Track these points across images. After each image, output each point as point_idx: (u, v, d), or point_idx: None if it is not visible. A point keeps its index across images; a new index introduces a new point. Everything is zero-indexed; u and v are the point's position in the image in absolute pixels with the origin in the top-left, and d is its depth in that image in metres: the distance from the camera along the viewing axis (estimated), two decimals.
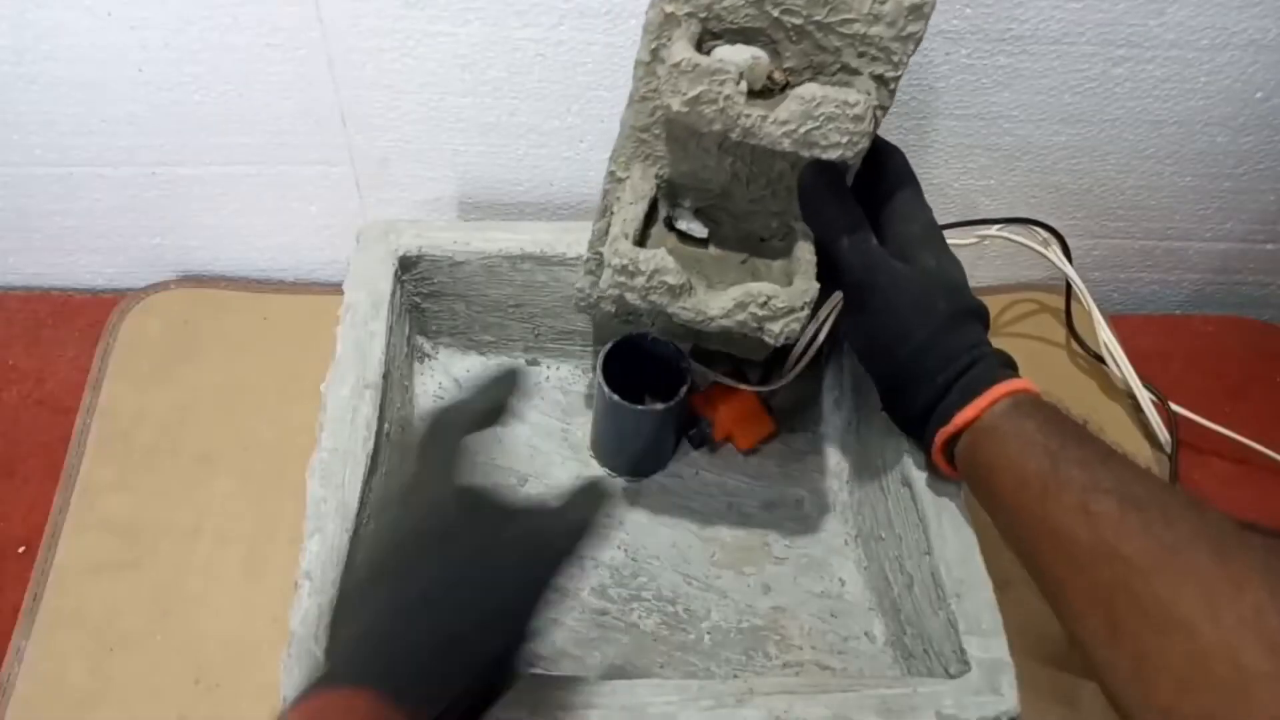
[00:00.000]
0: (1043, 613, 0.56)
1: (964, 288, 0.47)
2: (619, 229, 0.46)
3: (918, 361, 0.45)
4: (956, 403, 0.44)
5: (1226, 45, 0.60)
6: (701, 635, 0.52)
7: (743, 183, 0.49)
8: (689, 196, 0.50)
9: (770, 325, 0.46)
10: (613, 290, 0.46)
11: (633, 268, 0.45)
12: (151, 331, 0.67)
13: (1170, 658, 0.35)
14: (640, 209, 0.48)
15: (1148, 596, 0.36)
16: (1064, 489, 0.40)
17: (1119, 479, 0.39)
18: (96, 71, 0.59)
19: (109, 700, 0.51)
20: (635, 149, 0.49)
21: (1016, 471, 0.42)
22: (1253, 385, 0.71)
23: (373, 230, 0.58)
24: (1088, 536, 0.38)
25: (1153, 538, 0.37)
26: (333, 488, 0.47)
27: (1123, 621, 0.37)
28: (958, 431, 0.44)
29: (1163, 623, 0.35)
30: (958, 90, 0.62)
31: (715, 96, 0.42)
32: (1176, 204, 0.71)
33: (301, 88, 0.61)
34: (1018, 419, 0.43)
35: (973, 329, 0.46)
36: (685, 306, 0.46)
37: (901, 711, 0.41)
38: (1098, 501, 0.39)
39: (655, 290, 0.45)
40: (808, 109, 0.42)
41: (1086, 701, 0.54)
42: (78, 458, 0.60)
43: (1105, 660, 0.38)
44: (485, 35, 0.58)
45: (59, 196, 0.66)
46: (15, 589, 0.55)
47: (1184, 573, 0.35)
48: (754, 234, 0.51)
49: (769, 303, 0.45)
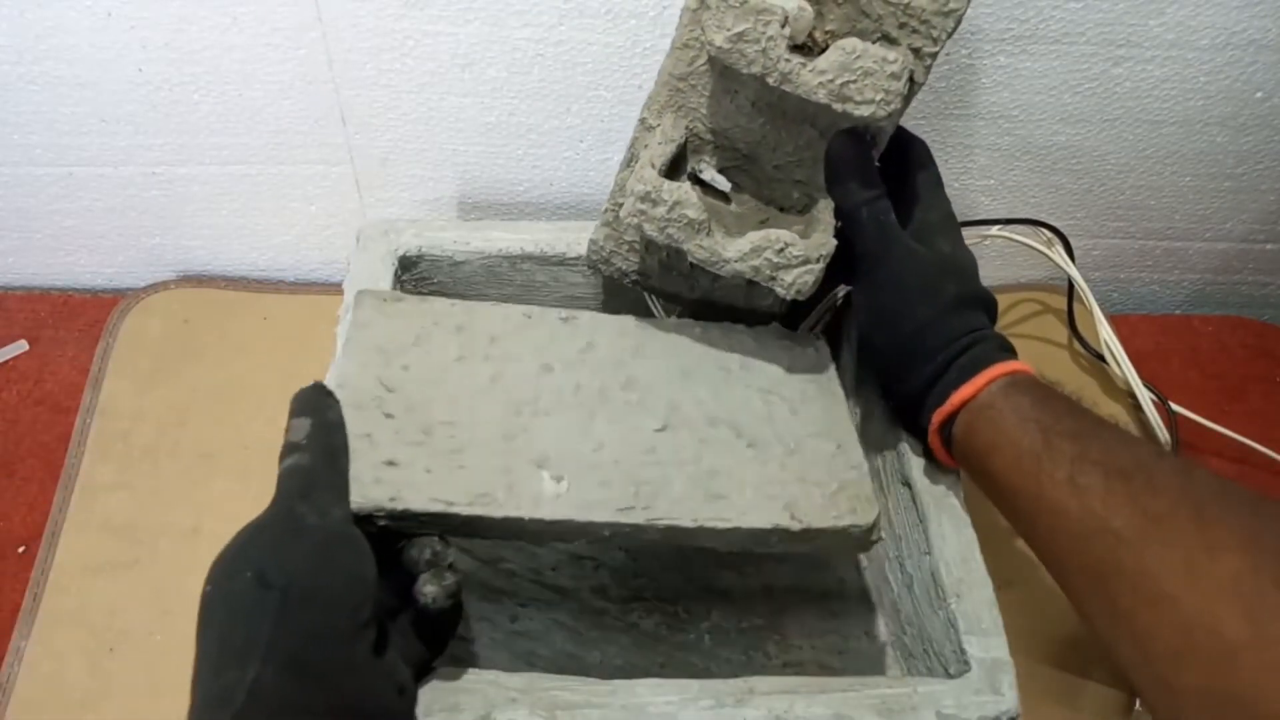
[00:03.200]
0: (1043, 613, 0.56)
1: (974, 277, 0.48)
2: (646, 159, 0.46)
3: (919, 338, 0.46)
4: (954, 381, 0.44)
5: (1226, 45, 0.60)
6: (701, 635, 0.52)
7: (770, 146, 0.49)
8: (715, 155, 0.51)
9: (783, 275, 0.46)
10: (633, 219, 0.46)
11: (655, 195, 0.45)
12: (151, 331, 0.67)
13: (1162, 632, 0.34)
14: (669, 149, 0.48)
15: (1137, 570, 0.35)
16: (1055, 463, 0.39)
17: (1106, 448, 0.39)
18: (96, 71, 0.59)
19: (109, 700, 0.51)
20: (670, 98, 0.49)
21: (1012, 449, 0.41)
22: (1253, 385, 0.71)
23: (373, 230, 0.58)
24: (1078, 510, 0.38)
25: (1139, 508, 0.36)
26: None
27: (1119, 598, 0.36)
28: (954, 411, 0.44)
29: (1152, 596, 0.34)
30: (958, 90, 0.62)
31: (759, 36, 0.42)
32: (1176, 204, 0.71)
33: (301, 88, 0.61)
34: (1014, 397, 0.43)
35: (977, 315, 0.47)
36: (702, 245, 0.46)
37: (901, 711, 0.41)
38: (1085, 474, 0.38)
39: (675, 223, 0.45)
40: (846, 60, 0.42)
41: (1087, 701, 0.54)
42: (77, 457, 0.60)
43: (1109, 638, 0.37)
44: (485, 35, 0.58)
45: (59, 196, 0.66)
46: (15, 589, 0.55)
47: (1167, 543, 0.35)
48: (775, 202, 0.51)
49: (786, 250, 0.45)
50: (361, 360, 0.46)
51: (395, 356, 0.46)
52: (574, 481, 0.43)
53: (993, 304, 0.48)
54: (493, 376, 0.47)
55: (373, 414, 0.43)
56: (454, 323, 0.49)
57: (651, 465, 0.44)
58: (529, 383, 0.47)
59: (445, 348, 0.48)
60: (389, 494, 0.40)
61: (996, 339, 0.46)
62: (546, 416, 0.46)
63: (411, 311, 0.49)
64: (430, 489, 0.40)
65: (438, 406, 0.44)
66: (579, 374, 0.48)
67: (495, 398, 0.46)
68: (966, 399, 0.44)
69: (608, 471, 0.44)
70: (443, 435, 0.43)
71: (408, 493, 0.40)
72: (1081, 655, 0.55)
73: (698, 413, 0.48)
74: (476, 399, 0.45)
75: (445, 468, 0.42)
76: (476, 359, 0.47)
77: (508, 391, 0.46)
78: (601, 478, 0.43)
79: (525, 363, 0.48)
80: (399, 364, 0.46)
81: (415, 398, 0.44)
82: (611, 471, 0.44)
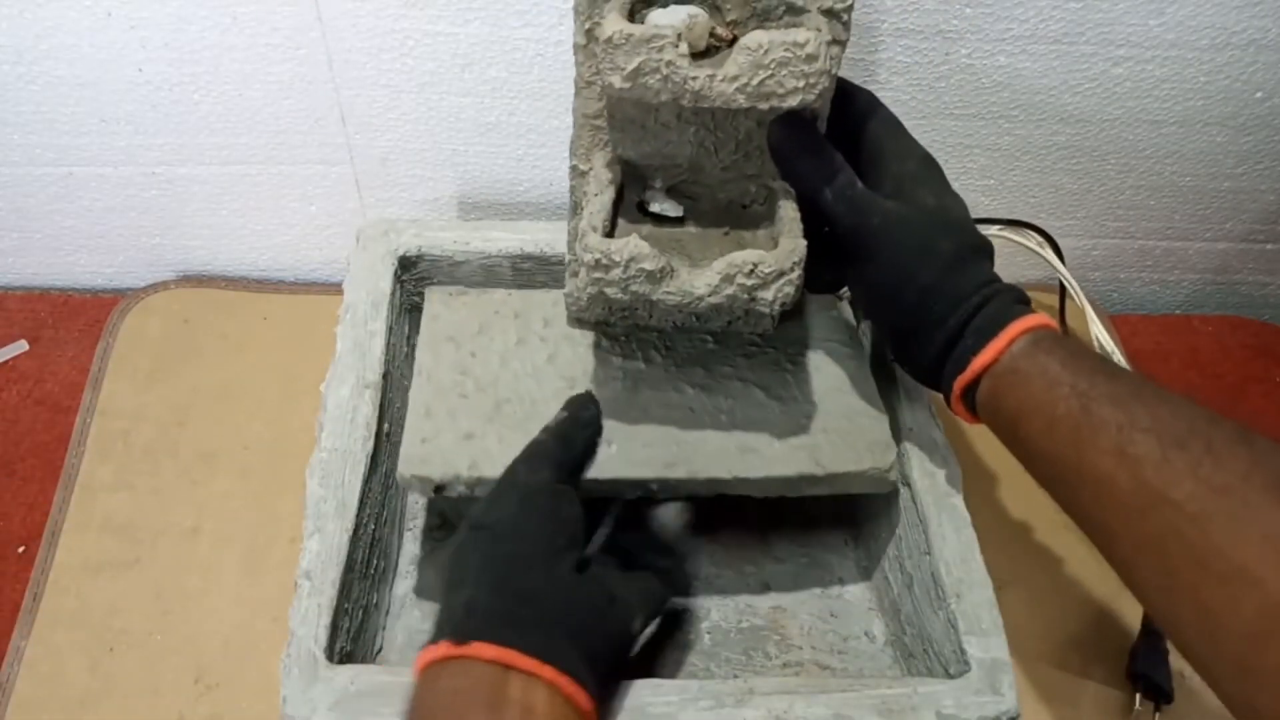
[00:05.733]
0: (1043, 613, 0.56)
1: (967, 224, 0.44)
2: (586, 223, 0.44)
3: (925, 306, 0.42)
4: (971, 347, 0.41)
5: (1226, 45, 0.60)
6: (701, 635, 0.52)
7: (711, 151, 0.47)
8: (658, 176, 0.48)
9: (762, 294, 0.43)
10: (592, 288, 0.43)
11: (606, 260, 0.42)
12: (151, 331, 0.67)
13: (1239, 610, 0.32)
14: (606, 199, 0.46)
15: (1203, 545, 0.33)
16: (1098, 431, 0.37)
17: (1156, 416, 0.36)
18: (96, 71, 0.59)
19: (109, 699, 0.51)
20: (592, 138, 0.47)
21: (1044, 415, 0.39)
22: (1253, 385, 0.71)
23: (373, 230, 0.58)
24: (1129, 482, 0.35)
25: (1201, 480, 0.34)
26: (332, 487, 0.47)
27: (1178, 571, 0.34)
28: (976, 378, 0.42)
29: (1225, 573, 0.32)
30: (958, 90, 0.62)
31: (656, 65, 0.39)
32: (1176, 204, 0.71)
33: (301, 88, 0.61)
34: (1039, 358, 0.40)
35: (980, 266, 0.43)
36: (670, 290, 0.43)
37: (901, 711, 0.41)
38: (1136, 443, 0.35)
39: (635, 279, 0.43)
40: (756, 59, 0.39)
41: (1087, 701, 0.54)
42: (77, 457, 0.60)
43: (1165, 611, 0.35)
44: (485, 35, 0.58)
45: (59, 196, 0.66)
46: (15, 588, 0.55)
47: (1240, 517, 0.33)
48: (734, 202, 0.49)
49: (756, 269, 0.42)
50: (436, 351, 0.53)
51: (464, 344, 0.54)
52: (622, 445, 0.48)
53: (991, 250, 0.44)
54: (549, 356, 0.53)
55: (451, 397, 0.51)
56: (512, 310, 0.56)
57: (690, 425, 0.50)
58: (581, 360, 0.53)
59: (506, 333, 0.54)
60: (468, 463, 0.47)
61: (1010, 291, 0.43)
62: (598, 388, 0.51)
63: (474, 303, 0.56)
64: (503, 457, 0.46)
65: (504, 385, 0.51)
66: (625, 348, 0.54)
67: (552, 374, 0.52)
68: (988, 364, 0.41)
69: (651, 433, 0.49)
70: (509, 410, 0.50)
71: (483, 461, 0.47)
72: (1081, 655, 0.55)
73: (730, 375, 0.53)
74: (536, 376, 0.52)
75: (514, 437, 0.47)
76: (534, 341, 0.54)
77: (563, 369, 0.53)
78: (646, 439, 0.49)
79: (577, 342, 0.54)
80: (468, 351, 0.53)
81: (484, 379, 0.52)
82: (655, 433, 0.49)
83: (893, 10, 0.57)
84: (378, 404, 0.51)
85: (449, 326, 0.55)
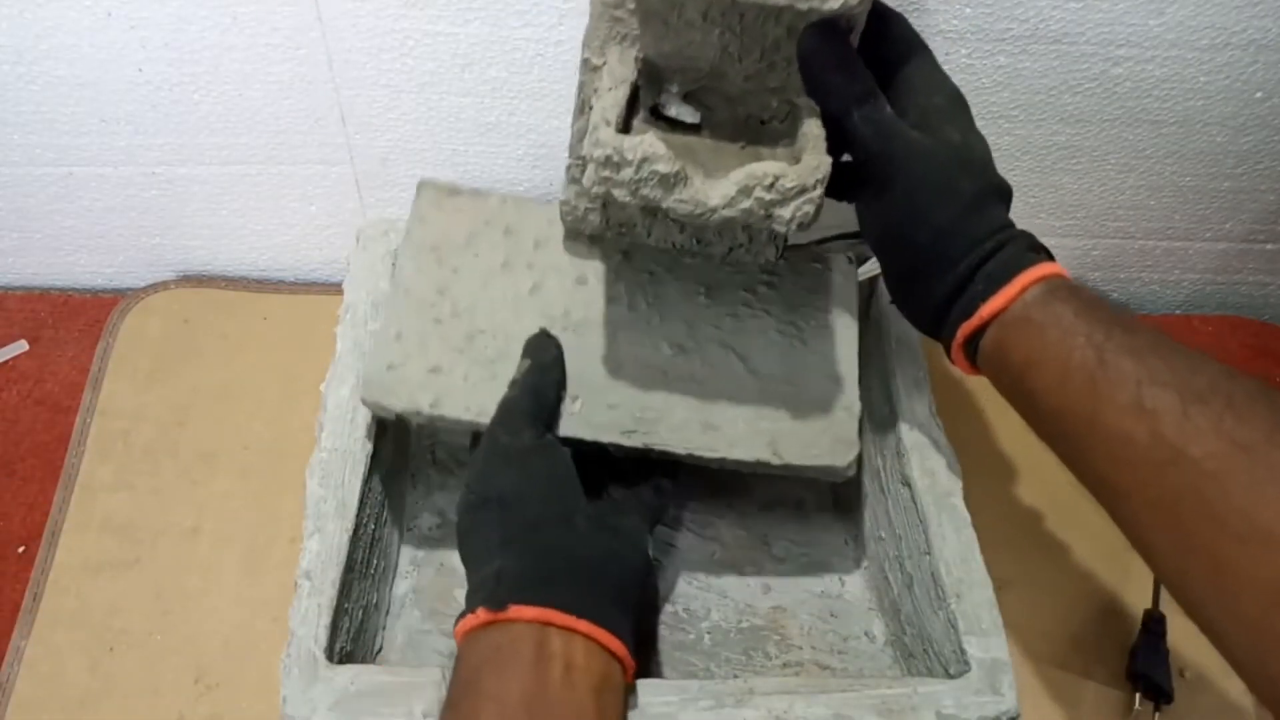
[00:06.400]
0: (1043, 613, 0.56)
1: (989, 165, 0.42)
2: (599, 117, 0.41)
3: (937, 246, 0.41)
4: (982, 292, 0.40)
5: (1226, 45, 0.60)
6: (701, 635, 0.52)
7: (735, 58, 0.43)
8: (675, 79, 0.45)
9: (780, 211, 0.40)
10: (598, 188, 0.40)
11: (618, 158, 0.39)
12: (151, 331, 0.67)
13: (1257, 571, 0.31)
14: (621, 94, 0.42)
15: (1222, 504, 0.32)
16: (1115, 385, 0.35)
17: (1175, 369, 0.35)
18: (96, 71, 0.59)
19: (109, 699, 0.51)
20: (610, 29, 0.43)
21: (1057, 367, 0.37)
22: None
23: (373, 230, 0.58)
24: (1147, 438, 0.34)
25: (1223, 436, 0.33)
26: (332, 487, 0.47)
27: (1195, 531, 0.33)
28: (983, 324, 0.40)
29: (1244, 532, 0.31)
30: None
31: None
32: (1176, 204, 0.71)
33: (301, 88, 0.61)
34: (1054, 306, 0.38)
35: (999, 211, 0.42)
36: (682, 199, 0.40)
37: (901, 711, 0.41)
38: (1155, 397, 0.34)
39: (646, 182, 0.40)
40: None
41: (1087, 701, 0.54)
42: (77, 457, 0.60)
43: (1176, 571, 0.34)
44: (485, 35, 0.58)
45: (59, 196, 0.66)
46: (15, 589, 0.55)
47: (1264, 476, 0.32)
48: (753, 116, 0.46)
49: (777, 183, 0.40)
50: (418, 262, 0.51)
51: (448, 258, 0.52)
52: (588, 401, 0.48)
53: (1009, 193, 0.43)
54: (532, 287, 0.51)
55: (425, 320, 0.49)
56: (504, 223, 0.53)
57: (659, 390, 0.49)
58: (564, 295, 0.51)
59: (494, 250, 0.52)
60: (430, 400, 0.47)
61: (1025, 238, 0.41)
62: (575, 333, 0.50)
63: (466, 207, 0.53)
64: (465, 398, 0.47)
65: (480, 314, 0.50)
66: (611, 289, 0.52)
67: (532, 308, 0.51)
68: (998, 310, 0.39)
69: (619, 394, 0.48)
70: (482, 343, 0.49)
71: (445, 400, 0.47)
72: (1081, 655, 0.55)
73: (713, 337, 0.51)
74: (516, 309, 0.50)
75: (480, 377, 0.48)
76: (520, 267, 0.52)
77: (544, 304, 0.51)
78: (612, 400, 0.48)
79: (564, 273, 0.52)
80: (450, 266, 0.51)
81: (461, 303, 0.50)
82: (622, 394, 0.48)
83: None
84: None
85: (435, 233, 0.52)
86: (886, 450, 0.53)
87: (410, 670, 0.42)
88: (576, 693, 0.37)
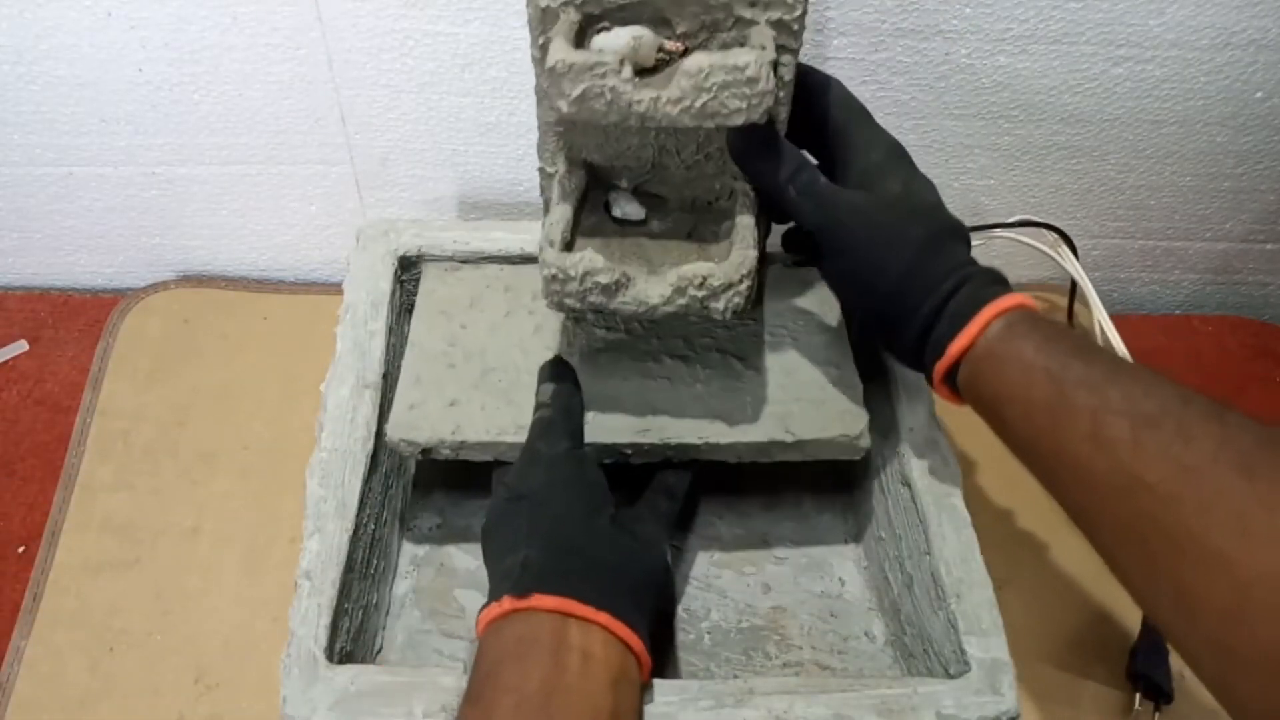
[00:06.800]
0: (1043, 613, 0.56)
1: (938, 208, 0.44)
2: (544, 236, 0.45)
3: (899, 294, 0.42)
4: (947, 333, 0.41)
5: (1226, 45, 0.60)
6: (701, 635, 0.52)
7: (673, 153, 0.48)
8: (623, 176, 0.49)
9: (713, 304, 0.44)
10: (552, 299, 0.45)
11: (562, 275, 0.43)
12: (151, 331, 0.67)
13: (1212, 591, 0.32)
14: (566, 209, 0.46)
15: (1177, 528, 0.33)
16: (1074, 416, 0.37)
17: (1128, 396, 0.36)
18: (96, 71, 0.59)
19: (109, 699, 0.51)
20: (557, 142, 0.47)
21: (1021, 401, 0.39)
22: (1253, 385, 0.71)
23: (372, 230, 0.58)
24: (1105, 467, 0.35)
25: (1172, 460, 0.33)
26: (332, 487, 0.47)
27: (1157, 555, 0.34)
28: (954, 363, 0.42)
29: (1198, 556, 0.32)
30: (958, 90, 0.62)
31: (601, 90, 0.39)
32: (1176, 204, 0.71)
33: (301, 88, 0.61)
34: (1014, 342, 0.40)
35: (953, 250, 0.43)
36: (625, 300, 0.44)
37: (901, 711, 0.41)
38: (1109, 426, 0.35)
39: (591, 291, 0.44)
40: (697, 82, 0.39)
41: (1087, 701, 0.54)
42: (77, 457, 0.60)
43: (1146, 594, 0.35)
44: (485, 35, 0.58)
45: (59, 196, 0.66)
46: (15, 588, 0.55)
47: (1210, 498, 0.32)
48: (700, 199, 0.50)
49: (706, 282, 0.43)
50: (429, 323, 0.55)
51: (456, 316, 0.56)
52: (598, 411, 0.50)
53: (965, 232, 0.44)
54: (535, 328, 0.55)
55: (439, 366, 0.53)
56: (503, 284, 0.58)
57: (666, 393, 0.52)
58: (565, 332, 0.55)
59: (496, 306, 0.56)
60: (451, 428, 0.50)
61: (984, 274, 0.42)
62: (581, 358, 0.53)
63: (468, 276, 0.58)
64: (485, 422, 0.50)
65: (490, 355, 0.54)
66: (608, 320, 0.55)
67: (538, 345, 0.54)
68: (965, 348, 0.41)
69: (628, 401, 0.51)
70: (494, 378, 0.52)
71: (466, 427, 0.50)
72: (1081, 655, 0.55)
73: (709, 346, 0.54)
74: (523, 348, 0.54)
75: (497, 405, 0.51)
76: (522, 314, 0.56)
77: (548, 340, 0.54)
78: (622, 406, 0.51)
79: (562, 315, 0.55)
80: (458, 322, 0.55)
81: (472, 349, 0.54)
82: (631, 400, 0.51)
83: (893, 10, 0.57)
84: (377, 404, 0.51)
85: (442, 300, 0.57)
86: (887, 450, 0.53)
87: (410, 670, 0.42)
88: (594, 683, 0.37)
